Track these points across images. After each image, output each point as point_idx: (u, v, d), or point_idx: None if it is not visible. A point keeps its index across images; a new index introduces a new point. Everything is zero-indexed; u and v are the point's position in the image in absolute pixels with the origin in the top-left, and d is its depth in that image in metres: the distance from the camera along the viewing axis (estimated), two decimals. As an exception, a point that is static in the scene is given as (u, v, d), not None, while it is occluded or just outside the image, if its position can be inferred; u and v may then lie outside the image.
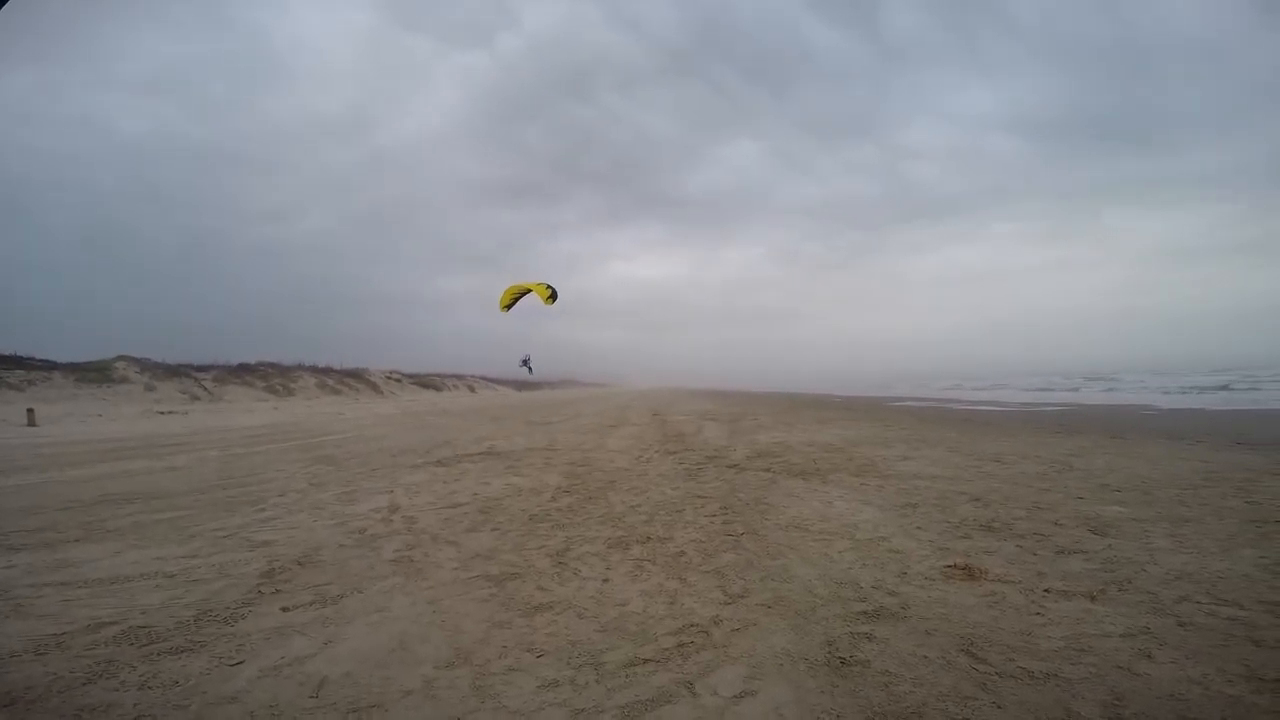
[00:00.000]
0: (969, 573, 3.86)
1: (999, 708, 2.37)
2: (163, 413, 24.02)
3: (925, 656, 2.80)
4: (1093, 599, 3.39)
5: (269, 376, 38.50)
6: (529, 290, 12.05)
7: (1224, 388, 31.95)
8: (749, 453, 9.92)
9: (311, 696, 2.55)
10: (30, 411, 18.82)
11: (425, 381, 55.88)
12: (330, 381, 42.58)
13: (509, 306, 12.31)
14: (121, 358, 31.70)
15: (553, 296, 11.76)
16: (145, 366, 31.91)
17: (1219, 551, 4.13)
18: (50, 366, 28.37)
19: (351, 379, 45.36)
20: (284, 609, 3.48)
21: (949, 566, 3.99)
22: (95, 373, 29.33)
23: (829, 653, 2.87)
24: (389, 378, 50.66)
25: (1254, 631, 2.92)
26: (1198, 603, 3.29)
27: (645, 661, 2.83)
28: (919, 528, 4.97)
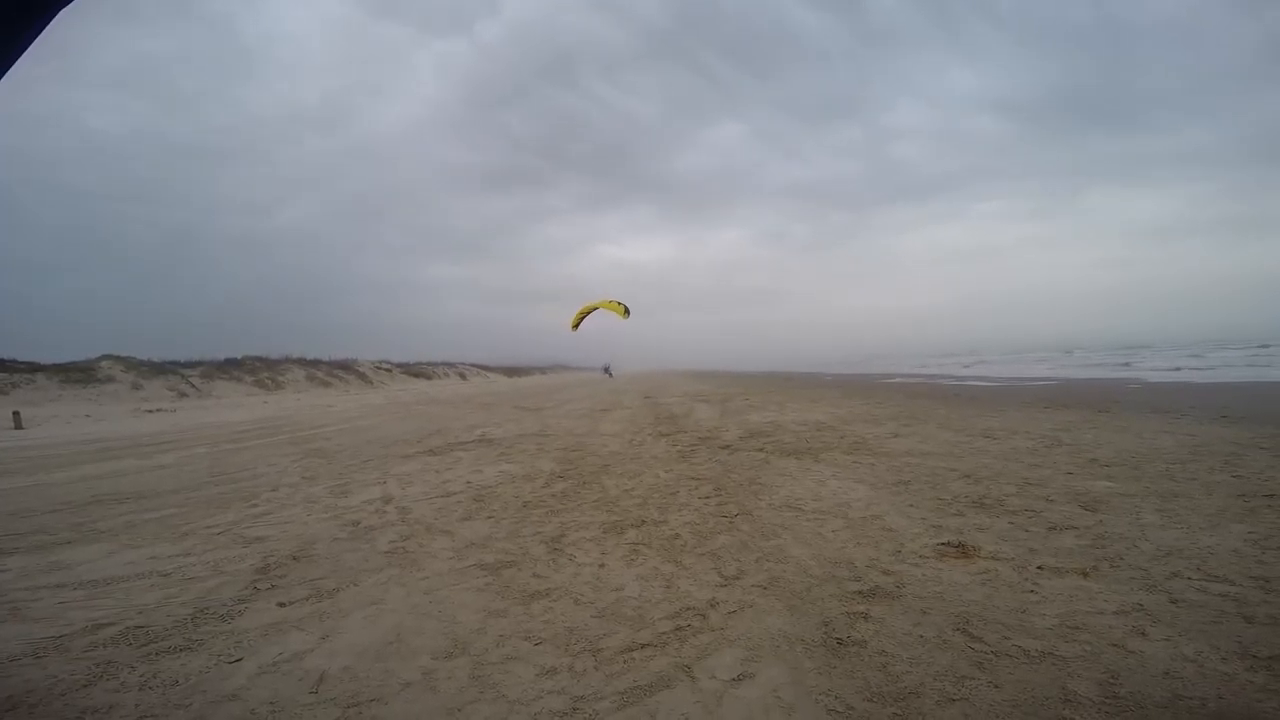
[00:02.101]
0: (962, 550, 3.90)
1: (996, 687, 2.39)
2: (150, 411, 23.77)
3: (921, 636, 2.82)
4: (1085, 576, 3.43)
5: (257, 371, 38.20)
6: (598, 308, 12.79)
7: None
8: (741, 433, 9.96)
9: (311, 692, 2.55)
10: (16, 414, 18.55)
11: (415, 370, 55.63)
12: (319, 374, 42.32)
13: (577, 325, 13.08)
14: (106, 357, 31.30)
15: (626, 312, 12.60)
16: (131, 365, 31.53)
17: (1208, 526, 4.17)
18: (34, 368, 27.95)
19: (340, 370, 45.09)
20: (280, 604, 3.47)
21: (942, 544, 4.03)
22: (80, 373, 28.95)
23: (825, 633, 2.89)
24: (378, 368, 50.38)
25: (1245, 608, 2.95)
26: (1189, 579, 3.32)
27: (643, 646, 2.85)
28: (912, 505, 5.01)
